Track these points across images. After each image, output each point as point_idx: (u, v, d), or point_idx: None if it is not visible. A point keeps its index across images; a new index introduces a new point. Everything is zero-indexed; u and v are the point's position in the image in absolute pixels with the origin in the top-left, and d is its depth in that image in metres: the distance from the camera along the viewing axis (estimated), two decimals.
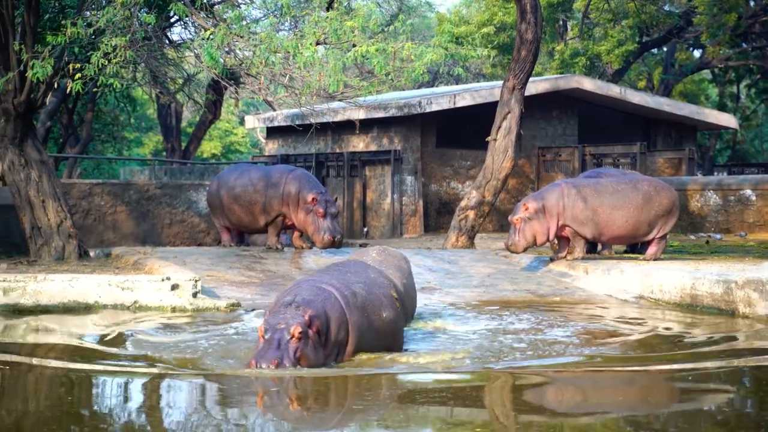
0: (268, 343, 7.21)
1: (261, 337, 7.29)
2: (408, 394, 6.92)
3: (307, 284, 7.83)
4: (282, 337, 7.19)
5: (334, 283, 7.91)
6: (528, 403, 6.86)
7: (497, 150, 16.85)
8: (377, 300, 8.10)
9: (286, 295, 7.69)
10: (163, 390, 7.06)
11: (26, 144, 13.67)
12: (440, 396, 6.97)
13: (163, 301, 11.02)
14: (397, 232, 22.54)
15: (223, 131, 55.95)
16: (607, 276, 13.06)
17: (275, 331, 7.23)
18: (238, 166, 16.42)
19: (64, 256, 13.54)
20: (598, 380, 7.62)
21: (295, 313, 7.28)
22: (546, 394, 7.09)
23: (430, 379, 7.38)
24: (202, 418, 6.19)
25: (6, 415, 6.25)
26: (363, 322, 7.82)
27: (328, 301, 7.60)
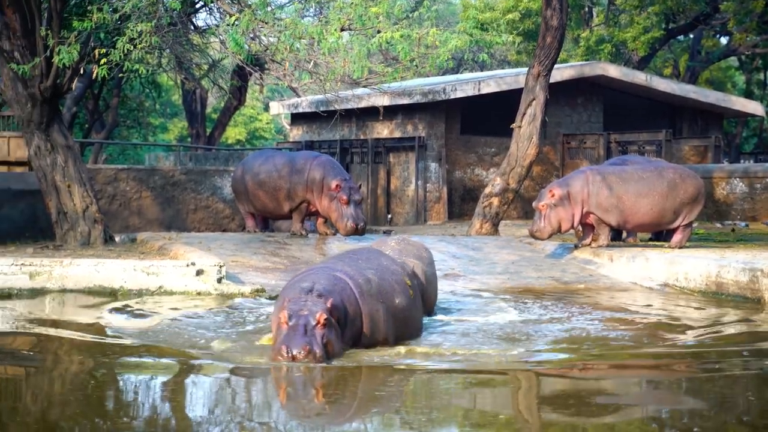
0: (293, 330, 7.07)
1: (284, 324, 7.13)
2: (434, 387, 6.84)
3: (323, 272, 7.74)
4: (308, 323, 7.08)
5: (347, 271, 7.84)
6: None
7: (522, 137, 16.80)
8: (390, 287, 8.03)
9: (301, 281, 7.59)
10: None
11: (52, 129, 13.73)
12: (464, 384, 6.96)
13: (187, 287, 11.07)
14: (421, 218, 22.52)
15: (248, 117, 56.05)
16: (631, 263, 13.01)
17: (299, 317, 7.11)
18: (263, 152, 16.45)
19: (89, 241, 13.61)
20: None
21: (317, 301, 7.20)
22: (562, 390, 6.93)
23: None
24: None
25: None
26: (376, 310, 7.75)
27: (344, 291, 7.54)
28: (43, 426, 5.57)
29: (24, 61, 12.98)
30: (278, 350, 7.04)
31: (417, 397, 6.51)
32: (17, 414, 5.84)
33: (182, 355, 7.50)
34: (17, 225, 15.02)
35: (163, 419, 5.83)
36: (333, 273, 7.73)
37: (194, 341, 8.12)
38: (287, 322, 7.12)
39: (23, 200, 15.21)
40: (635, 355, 8.00)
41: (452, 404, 6.27)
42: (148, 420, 5.75)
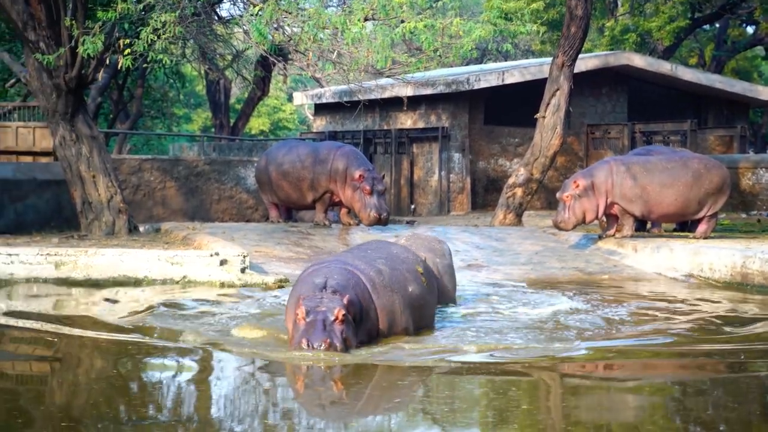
0: (311, 325, 6.98)
1: (301, 320, 7.04)
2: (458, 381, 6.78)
3: (335, 266, 7.59)
4: (326, 319, 6.99)
5: (359, 265, 7.70)
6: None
7: (546, 127, 16.74)
8: (401, 276, 7.90)
9: (314, 276, 7.46)
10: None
11: (77, 119, 13.80)
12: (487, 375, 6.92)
13: (211, 276, 11.10)
14: (445, 209, 22.50)
15: (272, 108, 56.11)
16: (656, 254, 12.96)
17: (317, 313, 7.02)
18: (287, 143, 16.46)
19: (114, 231, 13.67)
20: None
21: (333, 297, 7.09)
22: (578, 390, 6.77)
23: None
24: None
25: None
26: (390, 303, 7.63)
27: (357, 286, 7.41)
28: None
29: (49, 51, 13.03)
30: (298, 344, 6.96)
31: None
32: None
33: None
34: (42, 215, 15.11)
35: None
36: (345, 267, 7.59)
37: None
38: (305, 318, 7.04)
39: (48, 190, 15.29)
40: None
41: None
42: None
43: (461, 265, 12.87)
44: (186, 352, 7.39)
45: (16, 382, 6.62)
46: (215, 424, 5.45)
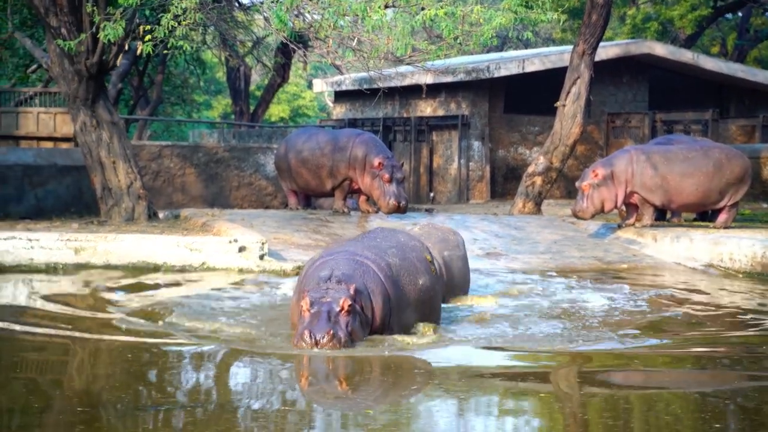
0: (315, 316, 6.77)
1: (306, 311, 6.81)
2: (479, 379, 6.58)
3: (342, 257, 7.32)
4: (331, 310, 6.76)
5: (368, 255, 7.41)
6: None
7: (566, 116, 16.68)
8: (412, 266, 7.60)
9: (320, 268, 7.19)
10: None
11: (98, 105, 13.84)
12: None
13: (230, 263, 11.13)
14: (464, 197, 22.46)
15: (292, 95, 56.11)
16: (675, 244, 12.91)
17: (321, 304, 6.79)
18: (306, 130, 16.46)
19: (133, 217, 13.72)
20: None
21: (339, 288, 6.86)
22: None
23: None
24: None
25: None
26: (402, 293, 7.36)
27: (367, 275, 7.14)
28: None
29: (70, 37, 13.06)
30: (300, 336, 6.74)
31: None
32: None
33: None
34: (63, 200, 15.17)
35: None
36: (353, 257, 7.32)
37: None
38: (309, 309, 6.82)
39: (69, 176, 15.35)
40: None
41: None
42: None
43: (480, 253, 12.86)
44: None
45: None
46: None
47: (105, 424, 5.12)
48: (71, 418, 5.16)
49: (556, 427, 5.33)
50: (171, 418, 5.24)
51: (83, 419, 5.15)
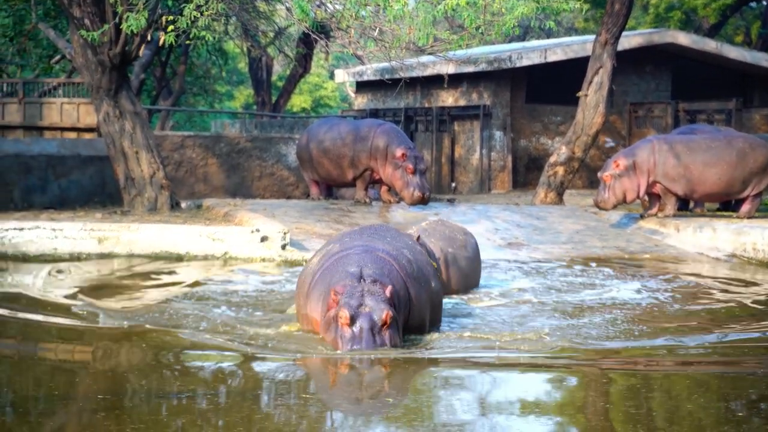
0: (359, 335, 6.28)
1: (345, 325, 6.32)
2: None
3: (365, 254, 6.85)
4: (374, 325, 6.30)
5: (389, 251, 7.01)
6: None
7: (588, 105, 16.63)
8: (425, 268, 7.28)
9: (345, 263, 6.74)
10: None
11: (121, 96, 13.90)
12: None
13: (252, 253, 11.18)
14: (485, 187, 22.44)
15: (313, 85, 56.14)
16: (698, 234, 12.86)
17: (362, 317, 6.31)
18: (328, 120, 16.49)
19: (156, 207, 13.78)
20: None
21: (375, 291, 6.39)
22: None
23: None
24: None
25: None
26: (420, 294, 7.00)
27: (392, 274, 6.74)
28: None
29: (93, 27, 13.12)
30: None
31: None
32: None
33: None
34: (86, 190, 15.26)
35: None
36: (376, 254, 6.88)
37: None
38: (349, 324, 6.32)
39: (92, 166, 15.44)
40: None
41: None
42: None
43: (501, 243, 12.86)
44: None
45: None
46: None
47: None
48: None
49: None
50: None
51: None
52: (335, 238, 7.76)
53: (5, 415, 5.09)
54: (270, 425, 4.94)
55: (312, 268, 7.17)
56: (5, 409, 5.22)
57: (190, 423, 4.94)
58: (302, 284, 7.21)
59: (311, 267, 7.22)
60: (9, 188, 14.49)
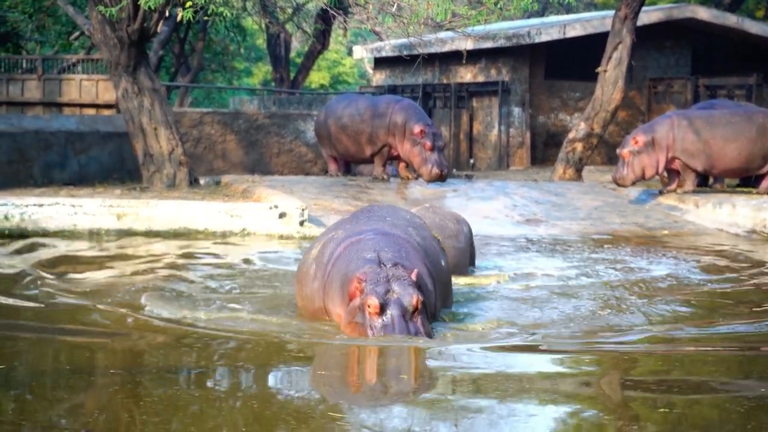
0: (392, 323, 5.90)
1: (375, 314, 5.92)
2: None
3: (377, 237, 6.50)
4: (405, 312, 5.93)
5: (400, 234, 6.69)
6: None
7: (607, 81, 16.55)
8: (433, 247, 6.95)
9: (359, 249, 6.35)
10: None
11: (139, 72, 13.92)
12: None
13: (270, 229, 11.20)
14: (504, 164, 22.39)
15: (331, 62, 56.04)
16: (718, 209, 12.82)
17: (391, 304, 5.92)
18: (346, 96, 16.48)
19: (175, 183, 13.82)
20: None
21: (398, 274, 6.03)
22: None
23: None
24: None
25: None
26: (436, 274, 6.68)
27: (410, 256, 6.40)
28: None
29: (112, 4, 13.13)
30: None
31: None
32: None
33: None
34: (105, 167, 15.32)
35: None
36: (388, 237, 6.53)
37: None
38: (378, 312, 5.93)
39: (111, 142, 15.49)
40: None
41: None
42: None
43: (520, 219, 12.85)
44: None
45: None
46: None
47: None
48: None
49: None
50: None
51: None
52: (332, 226, 7.33)
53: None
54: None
55: (318, 258, 6.74)
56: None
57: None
58: (307, 275, 6.79)
59: (317, 257, 6.77)
60: (29, 164, 14.56)
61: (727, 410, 4.84)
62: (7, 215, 11.00)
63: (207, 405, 4.75)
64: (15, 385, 5.12)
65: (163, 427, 4.39)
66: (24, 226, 10.99)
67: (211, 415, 4.58)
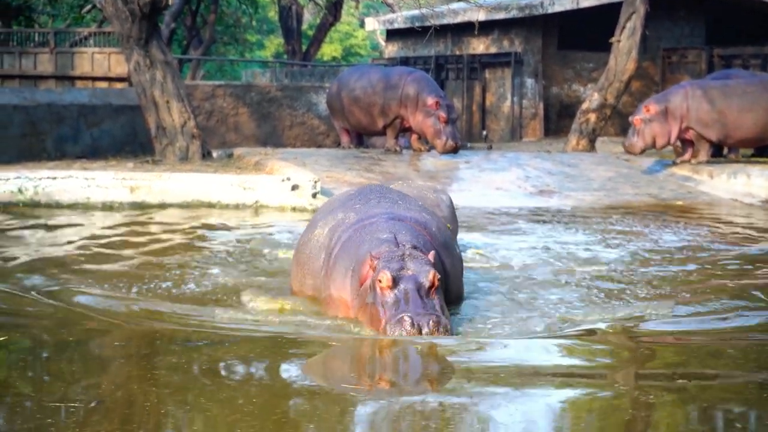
0: (406, 296, 5.39)
1: (387, 288, 5.41)
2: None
3: (394, 222, 6.02)
4: (421, 287, 5.40)
5: (414, 217, 6.22)
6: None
7: (621, 51, 16.46)
8: (447, 233, 6.50)
9: (373, 230, 5.91)
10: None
11: (151, 45, 13.89)
12: None
13: (283, 201, 11.21)
14: (517, 135, 22.33)
15: (344, 34, 55.87)
16: (732, 180, 12.77)
17: (407, 279, 5.42)
18: (358, 68, 16.43)
19: (187, 156, 13.82)
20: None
21: (415, 254, 5.59)
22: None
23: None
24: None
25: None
26: (452, 264, 6.22)
27: (427, 245, 5.91)
28: None
29: None
30: (399, 322, 5.27)
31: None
32: None
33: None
34: (117, 140, 15.32)
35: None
36: (405, 222, 6.07)
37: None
38: (391, 286, 5.41)
39: (123, 115, 15.48)
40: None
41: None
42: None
43: (532, 191, 12.82)
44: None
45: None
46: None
47: None
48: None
49: None
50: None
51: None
52: (336, 206, 6.60)
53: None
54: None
55: (322, 242, 6.24)
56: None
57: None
58: (309, 260, 6.30)
59: (319, 240, 6.26)
60: (42, 138, 14.57)
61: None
62: (21, 188, 11.04)
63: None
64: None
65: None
66: (37, 199, 11.03)
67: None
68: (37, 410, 4.18)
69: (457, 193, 11.64)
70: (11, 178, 11.07)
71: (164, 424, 4.12)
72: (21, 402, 4.32)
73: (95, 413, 4.14)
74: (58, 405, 4.23)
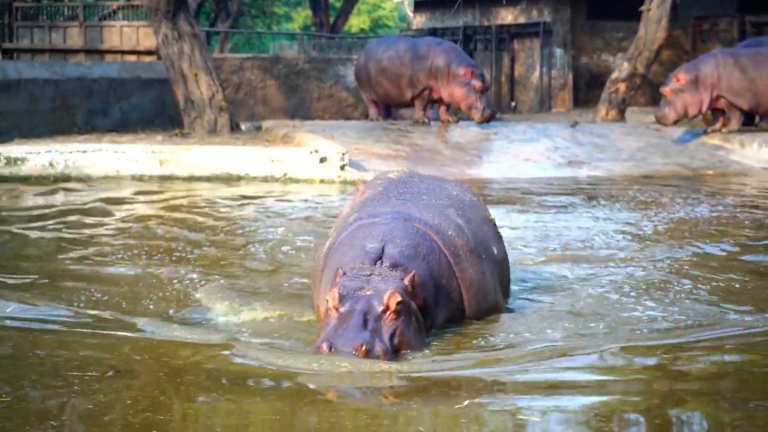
0: (343, 319, 4.61)
1: (333, 309, 4.65)
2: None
3: (397, 224, 5.20)
4: (370, 310, 4.60)
5: (429, 220, 5.28)
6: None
7: (650, 20, 16.31)
8: (481, 232, 5.54)
9: (366, 236, 5.13)
10: None
11: (179, 18, 13.91)
12: None
13: (311, 174, 11.22)
14: (546, 106, 22.21)
15: (372, 5, 55.67)
16: (764, 148, 12.68)
17: (356, 300, 4.64)
18: (386, 39, 16.39)
19: (216, 129, 13.86)
20: None
21: (389, 276, 4.80)
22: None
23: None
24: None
25: None
26: (481, 273, 5.33)
27: (432, 254, 5.10)
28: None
29: None
30: (317, 349, 4.55)
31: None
32: None
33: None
34: (146, 113, 15.38)
35: None
36: (411, 224, 5.22)
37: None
38: (337, 306, 4.66)
39: (152, 89, 15.53)
40: None
41: None
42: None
43: (561, 162, 12.78)
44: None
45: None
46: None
47: None
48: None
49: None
50: None
51: None
52: (367, 197, 5.74)
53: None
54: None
55: (329, 242, 5.51)
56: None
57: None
58: (316, 263, 5.60)
59: (329, 241, 5.55)
60: (72, 112, 14.64)
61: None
62: (52, 162, 11.12)
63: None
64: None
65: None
66: (68, 172, 11.11)
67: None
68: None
69: (486, 165, 11.62)
70: (42, 152, 11.16)
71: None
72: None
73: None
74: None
